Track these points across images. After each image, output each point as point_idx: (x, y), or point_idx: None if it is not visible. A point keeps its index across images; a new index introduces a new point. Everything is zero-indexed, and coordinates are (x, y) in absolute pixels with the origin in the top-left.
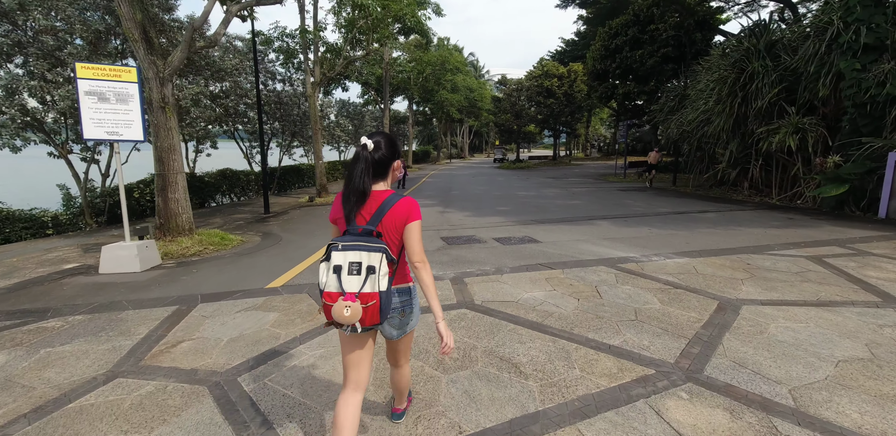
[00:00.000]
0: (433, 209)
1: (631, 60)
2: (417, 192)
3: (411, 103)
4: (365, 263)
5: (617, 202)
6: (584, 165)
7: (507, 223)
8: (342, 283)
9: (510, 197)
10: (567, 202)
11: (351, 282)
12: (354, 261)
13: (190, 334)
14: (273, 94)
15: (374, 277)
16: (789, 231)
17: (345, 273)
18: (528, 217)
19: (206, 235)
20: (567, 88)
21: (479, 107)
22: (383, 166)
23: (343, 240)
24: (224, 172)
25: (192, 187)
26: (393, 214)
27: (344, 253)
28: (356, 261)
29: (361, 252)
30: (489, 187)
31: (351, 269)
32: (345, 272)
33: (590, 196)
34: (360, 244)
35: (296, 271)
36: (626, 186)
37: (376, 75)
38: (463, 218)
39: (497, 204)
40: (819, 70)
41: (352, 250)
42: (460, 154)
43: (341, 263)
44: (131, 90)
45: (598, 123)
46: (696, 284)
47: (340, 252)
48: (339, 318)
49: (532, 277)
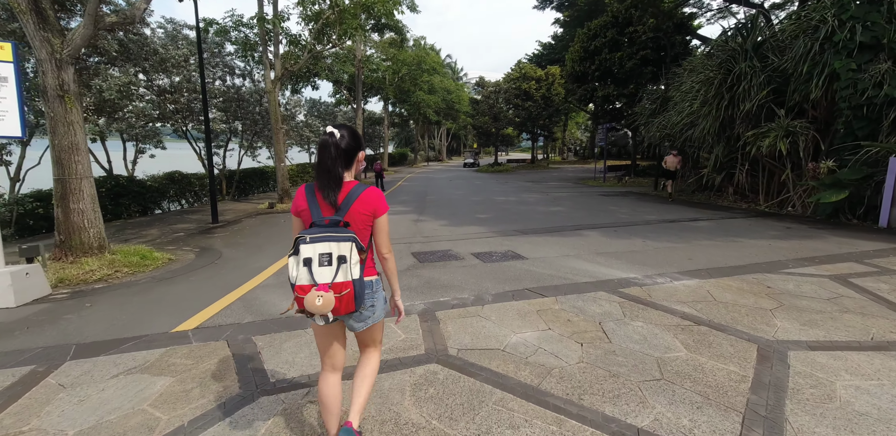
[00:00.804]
0: (406, 217)
1: (610, 62)
2: (391, 197)
3: (387, 104)
4: (335, 253)
5: (601, 209)
6: (561, 168)
7: (487, 234)
8: (314, 275)
9: (489, 203)
10: (549, 209)
11: (323, 273)
12: (324, 252)
13: (22, 423)
14: (232, 90)
15: (346, 266)
16: (794, 243)
17: (315, 265)
18: (510, 226)
19: (124, 253)
20: (545, 91)
21: (456, 109)
22: (350, 155)
23: (311, 232)
24: (172, 176)
25: (131, 193)
26: (360, 203)
27: (313, 245)
28: (326, 252)
29: (331, 243)
30: (467, 192)
31: (322, 260)
32: (315, 264)
33: (572, 202)
34: (329, 235)
35: (222, 304)
36: (607, 191)
37: (349, 74)
38: (438, 228)
39: (476, 211)
40: (811, 70)
41: (321, 242)
42: (438, 157)
43: (311, 256)
44: (3, 71)
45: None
46: (719, 318)
47: (309, 245)
48: (312, 308)
49: (520, 309)
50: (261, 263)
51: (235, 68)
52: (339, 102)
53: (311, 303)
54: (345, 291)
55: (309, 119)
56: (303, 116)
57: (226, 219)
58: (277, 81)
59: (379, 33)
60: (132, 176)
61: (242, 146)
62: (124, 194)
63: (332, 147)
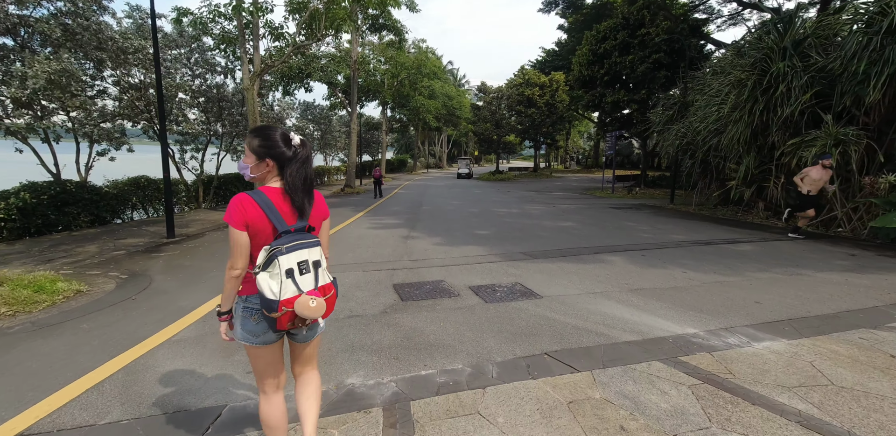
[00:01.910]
0: (396, 233)
1: (620, 66)
2: (383, 207)
3: (385, 109)
4: (310, 259)
5: (616, 225)
6: (565, 177)
7: (488, 257)
8: (299, 284)
9: (489, 216)
10: (558, 224)
11: (306, 281)
12: (302, 260)
13: None
14: (212, 88)
15: (323, 269)
16: (877, 279)
17: (297, 275)
18: (515, 247)
19: (14, 283)
20: (549, 98)
21: (457, 115)
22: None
23: (284, 242)
24: (137, 181)
25: (81, 201)
26: (318, 207)
27: (288, 256)
28: (303, 260)
29: (303, 250)
30: (465, 202)
31: (301, 269)
32: (297, 274)
33: (581, 215)
34: (301, 242)
35: (91, 380)
36: (618, 203)
37: (344, 76)
38: (431, 248)
39: (474, 226)
40: (868, 70)
41: (295, 251)
42: (438, 164)
43: (292, 266)
44: None
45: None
46: (861, 426)
47: (286, 255)
48: (306, 311)
49: (542, 398)
50: (193, 298)
51: (217, 65)
52: (333, 106)
53: (304, 306)
54: (330, 293)
55: (301, 123)
56: (294, 119)
57: (186, 232)
58: (256, 78)
59: (376, 34)
60: (84, 181)
61: (223, 150)
62: (72, 202)
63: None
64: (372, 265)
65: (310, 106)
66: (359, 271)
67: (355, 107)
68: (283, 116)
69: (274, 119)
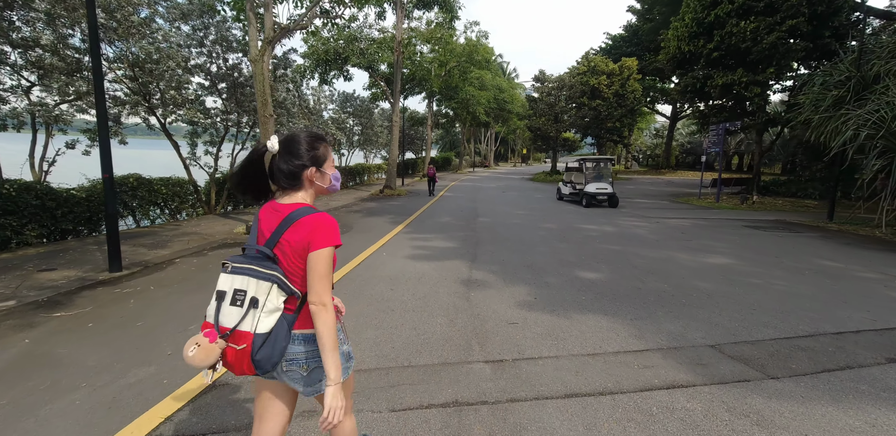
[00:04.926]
0: (449, 269)
1: (738, 38)
2: (429, 215)
3: (431, 101)
4: (250, 292)
5: (811, 265)
6: (633, 179)
7: (644, 356)
8: (220, 312)
9: (577, 238)
10: (703, 259)
11: (231, 315)
12: (240, 288)
13: None
14: (229, 69)
15: (255, 314)
16: None
17: (226, 302)
18: (677, 322)
19: None
20: (618, 87)
21: (508, 110)
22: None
23: (234, 260)
24: (125, 181)
25: (27, 208)
26: (293, 230)
27: (231, 277)
28: (242, 288)
29: (250, 279)
30: (532, 213)
31: (235, 298)
32: (227, 301)
33: (719, 241)
34: (251, 268)
35: None
36: (746, 219)
37: (387, 63)
38: (514, 312)
39: (567, 258)
40: None
41: (240, 274)
42: (484, 163)
43: (226, 289)
44: None
45: (637, 132)
46: None
47: (228, 275)
48: (185, 357)
49: None
50: None
51: (232, 40)
52: (375, 97)
53: (184, 351)
54: (241, 345)
55: (339, 115)
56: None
57: (150, 259)
58: (267, 46)
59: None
60: (40, 181)
61: (238, 143)
62: (12, 211)
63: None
64: (408, 386)
65: (349, 97)
66: (382, 405)
67: (398, 96)
68: (319, 107)
69: (311, 111)
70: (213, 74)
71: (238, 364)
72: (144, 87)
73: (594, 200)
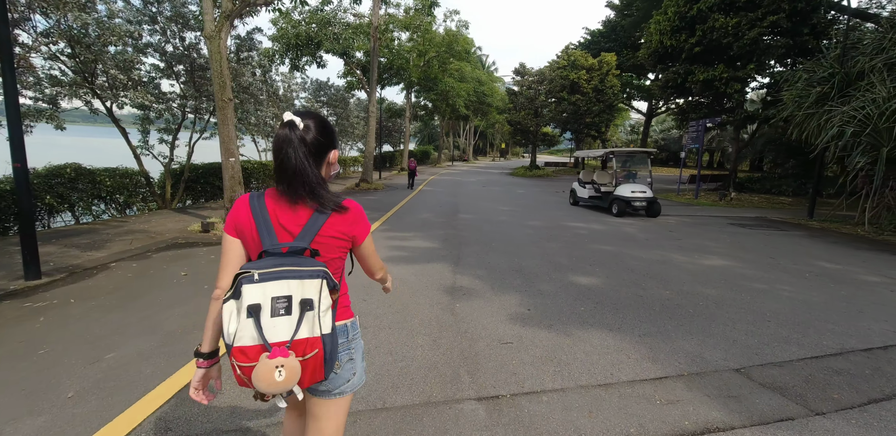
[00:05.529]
0: (430, 275)
1: (720, 33)
2: (408, 211)
3: (409, 92)
4: (297, 296)
5: (809, 268)
6: None
7: (646, 368)
8: (263, 330)
9: (568, 237)
10: (696, 260)
11: (278, 327)
12: (280, 296)
13: None
14: (186, 49)
15: (313, 315)
16: None
17: (266, 316)
18: (691, 340)
19: None
20: (597, 83)
21: (487, 103)
22: (318, 156)
23: (260, 266)
24: (61, 172)
25: None
26: (333, 223)
27: (262, 285)
28: (283, 295)
29: (291, 281)
30: (516, 209)
31: (276, 308)
32: (266, 314)
33: (708, 239)
34: (289, 269)
35: None
36: (729, 216)
37: (363, 51)
38: (506, 328)
39: (559, 260)
40: None
41: (275, 280)
42: (463, 157)
43: (259, 301)
44: None
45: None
46: None
47: (257, 285)
48: (271, 387)
49: None
50: None
51: (190, 17)
52: (350, 86)
53: (268, 381)
54: (311, 353)
55: (312, 105)
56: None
57: (80, 262)
58: (225, 21)
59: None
60: None
61: (197, 131)
62: None
63: (297, 142)
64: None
65: (323, 85)
66: None
67: (374, 86)
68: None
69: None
70: (169, 55)
71: (309, 374)
72: (86, 67)
73: (629, 207)
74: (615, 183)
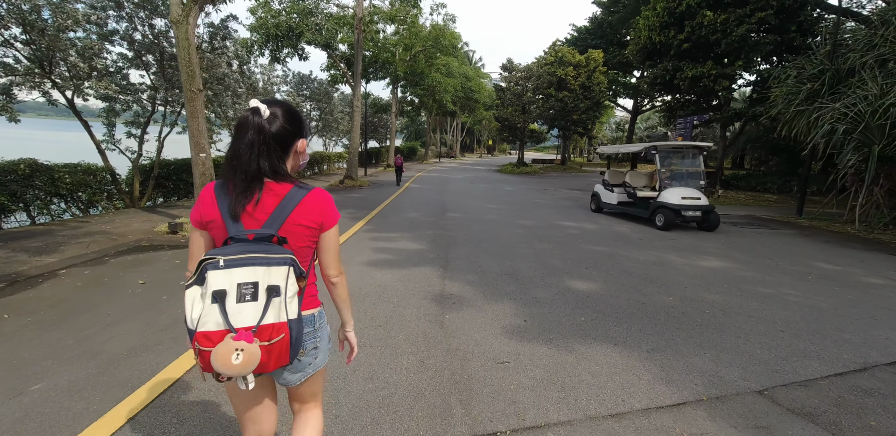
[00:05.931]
0: (417, 281)
1: (708, 29)
2: (394, 210)
3: (396, 87)
4: (263, 282)
5: (794, 261)
6: (597, 172)
7: (661, 392)
8: (228, 316)
9: (561, 237)
10: (699, 263)
11: (244, 313)
12: (246, 281)
13: None
14: (155, 38)
15: (279, 301)
16: None
17: (232, 301)
18: (703, 354)
19: None
20: (584, 79)
21: (474, 99)
22: (283, 145)
23: (226, 252)
24: (14, 168)
25: None
26: (302, 211)
27: (229, 272)
28: (249, 281)
29: (257, 268)
30: (505, 208)
31: (242, 294)
32: (232, 300)
33: (709, 240)
34: (256, 256)
35: None
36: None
37: (347, 43)
38: (503, 345)
39: (554, 263)
40: None
41: (241, 266)
42: (450, 153)
43: (225, 287)
44: None
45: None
46: None
47: (223, 271)
48: (226, 368)
49: None
50: None
51: (158, 3)
52: (334, 80)
53: (223, 361)
54: (276, 337)
55: (296, 99)
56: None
57: (23, 270)
58: (194, 4)
59: None
60: None
61: (167, 124)
62: None
63: (253, 130)
64: None
65: (305, 79)
66: None
67: (359, 79)
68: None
69: (251, 90)
70: (137, 44)
71: (274, 358)
72: (44, 54)
73: (678, 217)
74: (659, 186)
